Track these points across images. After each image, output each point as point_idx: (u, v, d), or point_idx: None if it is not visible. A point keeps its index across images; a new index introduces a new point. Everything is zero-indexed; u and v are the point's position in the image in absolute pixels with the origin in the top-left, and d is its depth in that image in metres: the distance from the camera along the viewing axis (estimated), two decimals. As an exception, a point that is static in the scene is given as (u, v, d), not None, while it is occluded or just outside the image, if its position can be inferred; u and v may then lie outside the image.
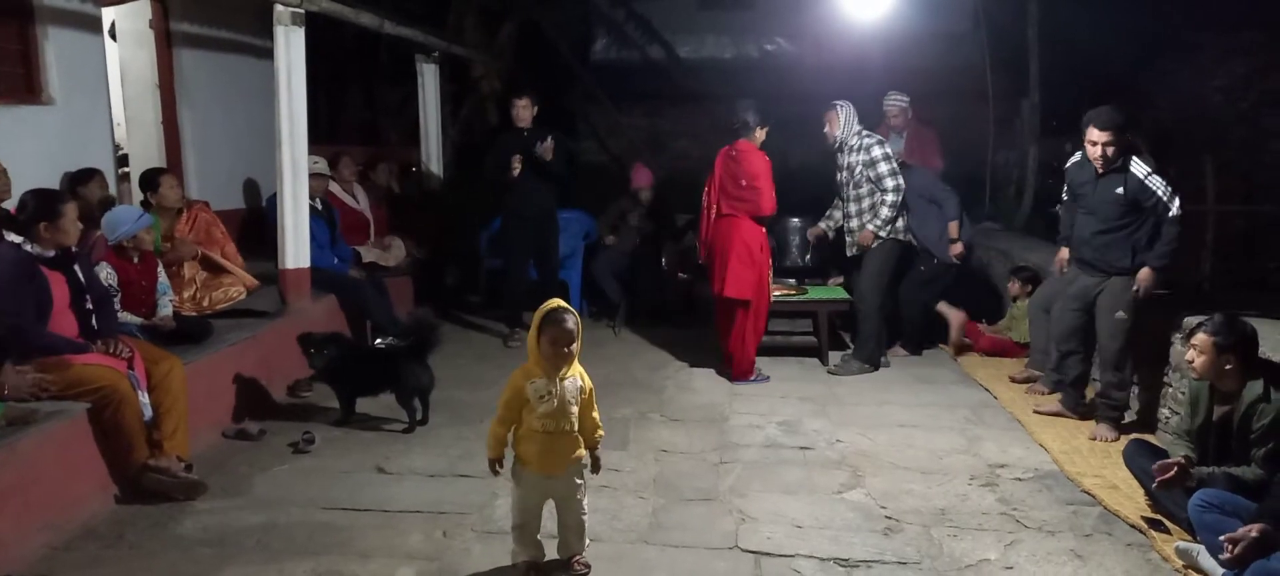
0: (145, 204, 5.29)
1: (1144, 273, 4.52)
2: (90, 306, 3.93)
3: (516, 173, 6.30)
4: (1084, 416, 4.83)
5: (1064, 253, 5.09)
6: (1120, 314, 4.58)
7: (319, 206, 6.11)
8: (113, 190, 5.62)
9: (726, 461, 4.35)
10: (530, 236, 6.58)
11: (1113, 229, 4.58)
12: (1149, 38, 9.57)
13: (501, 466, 3.09)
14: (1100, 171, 4.58)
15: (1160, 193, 4.45)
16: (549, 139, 6.34)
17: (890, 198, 5.74)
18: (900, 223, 5.83)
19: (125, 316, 4.40)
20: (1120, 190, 4.52)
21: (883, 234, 5.78)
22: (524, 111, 6.45)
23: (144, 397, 3.82)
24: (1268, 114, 9.18)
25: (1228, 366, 3.42)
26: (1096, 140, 4.51)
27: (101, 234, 4.46)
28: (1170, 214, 4.46)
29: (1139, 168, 4.49)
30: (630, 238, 7.64)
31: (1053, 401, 5.05)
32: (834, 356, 6.11)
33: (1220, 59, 9.63)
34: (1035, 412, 4.98)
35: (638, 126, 10.95)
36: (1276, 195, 8.71)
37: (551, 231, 6.70)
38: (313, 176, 6.02)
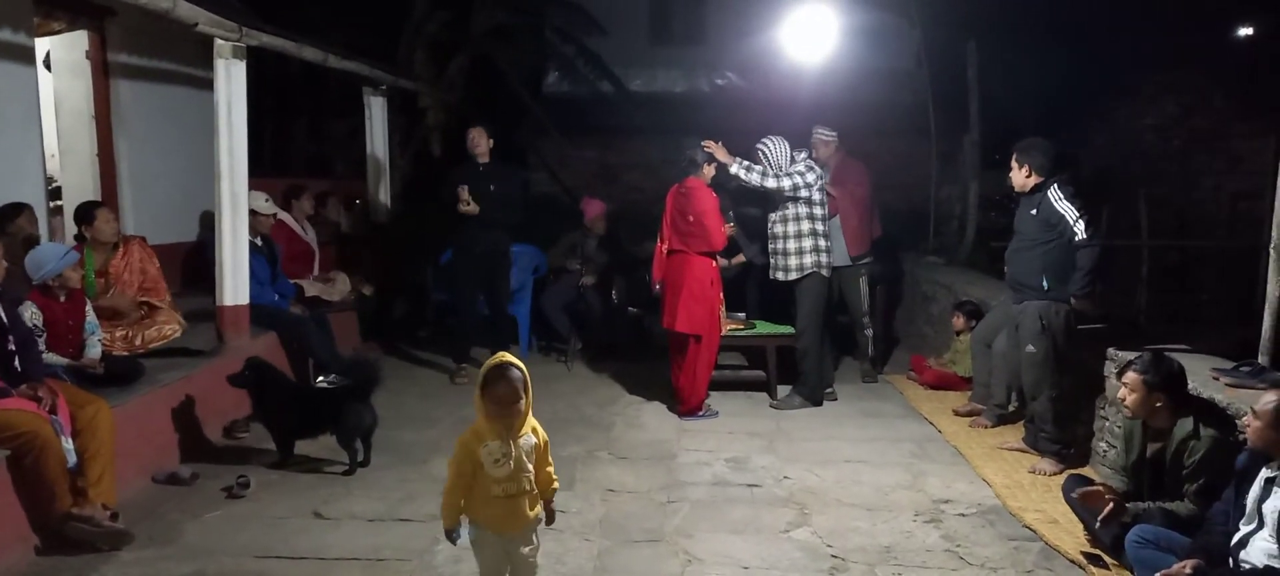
0: (80, 238, 5.13)
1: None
2: (12, 348, 3.77)
3: (465, 208, 6.23)
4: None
5: None
6: (1030, 347, 4.76)
7: (259, 242, 5.99)
8: (44, 224, 5.43)
9: (674, 500, 4.32)
10: (480, 272, 6.51)
11: (1025, 247, 4.83)
12: (1086, 78, 9.89)
13: (459, 535, 2.85)
14: (1015, 191, 4.94)
15: (1067, 215, 4.65)
16: (473, 205, 6.24)
17: (769, 182, 5.67)
18: (823, 258, 5.84)
19: (51, 357, 4.23)
20: (1034, 211, 4.79)
21: (735, 170, 5.68)
22: (480, 141, 6.40)
23: (68, 443, 3.67)
24: (1197, 152, 9.51)
25: (1157, 404, 3.49)
26: (1012, 167, 4.92)
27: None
28: (1075, 238, 4.62)
29: (1054, 192, 4.73)
30: (583, 271, 7.60)
31: (1016, 439, 5.11)
32: (782, 390, 6.12)
33: (1153, 98, 9.99)
34: (1002, 448, 5.03)
35: (589, 159, 10.97)
36: (1206, 230, 9.01)
37: (502, 268, 6.64)
38: (256, 215, 5.92)
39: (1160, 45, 9.37)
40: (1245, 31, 10.34)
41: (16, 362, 3.78)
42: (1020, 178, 4.87)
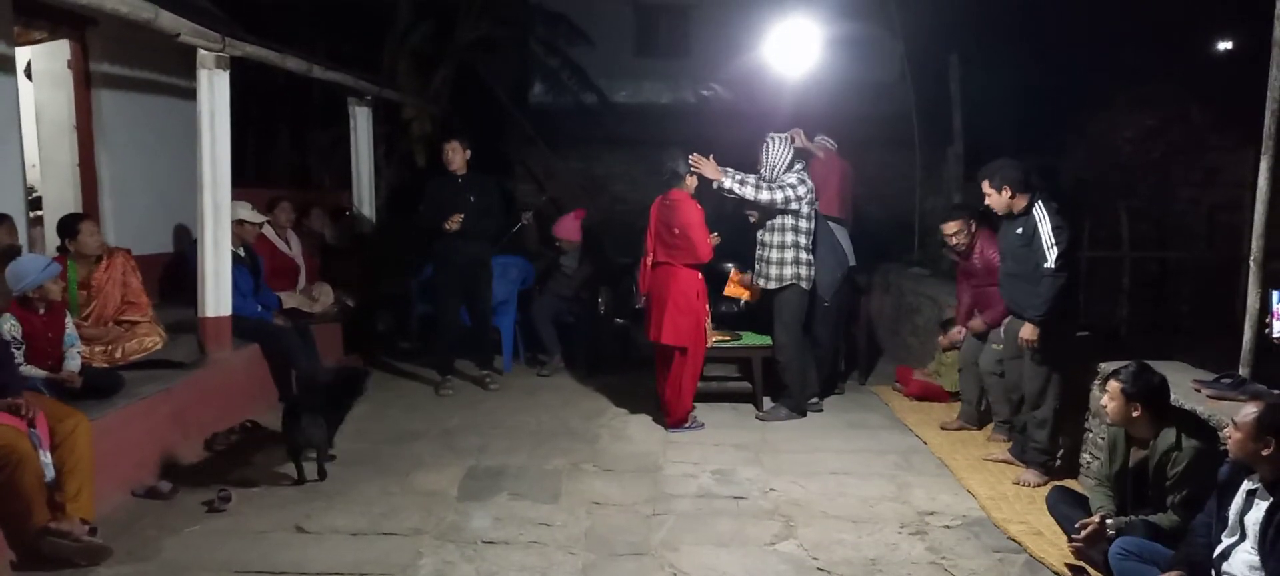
0: (63, 250, 5.08)
1: (1025, 328, 4.63)
2: (-11, 362, 3.73)
3: (455, 228, 6.22)
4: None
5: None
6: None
7: (242, 253, 5.95)
8: (24, 235, 5.37)
9: (659, 513, 4.30)
10: (460, 283, 6.50)
11: (1018, 273, 4.73)
12: (1066, 90, 10.00)
13: None
14: (998, 214, 4.83)
15: (1045, 242, 4.55)
16: (453, 219, 6.22)
17: (763, 195, 5.65)
18: (803, 271, 5.82)
19: (29, 370, 4.18)
20: (1020, 231, 4.68)
21: (729, 184, 5.69)
22: (456, 155, 6.37)
23: (46, 457, 3.62)
24: (1174, 163, 9.62)
25: (1135, 414, 3.51)
26: (987, 194, 4.80)
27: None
28: (1044, 265, 4.54)
29: (1039, 211, 4.62)
30: (566, 284, 7.59)
31: (1003, 449, 5.12)
32: (767, 402, 6.13)
33: (1131, 111, 10.11)
34: (987, 460, 5.04)
35: (575, 170, 10.98)
36: (1184, 241, 9.10)
37: (483, 278, 6.62)
38: (243, 224, 5.88)
39: (1139, 58, 9.49)
40: (1223, 45, 10.50)
41: (-7, 377, 3.74)
42: (1002, 200, 4.71)
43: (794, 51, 8.34)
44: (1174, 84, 9.83)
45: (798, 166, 5.85)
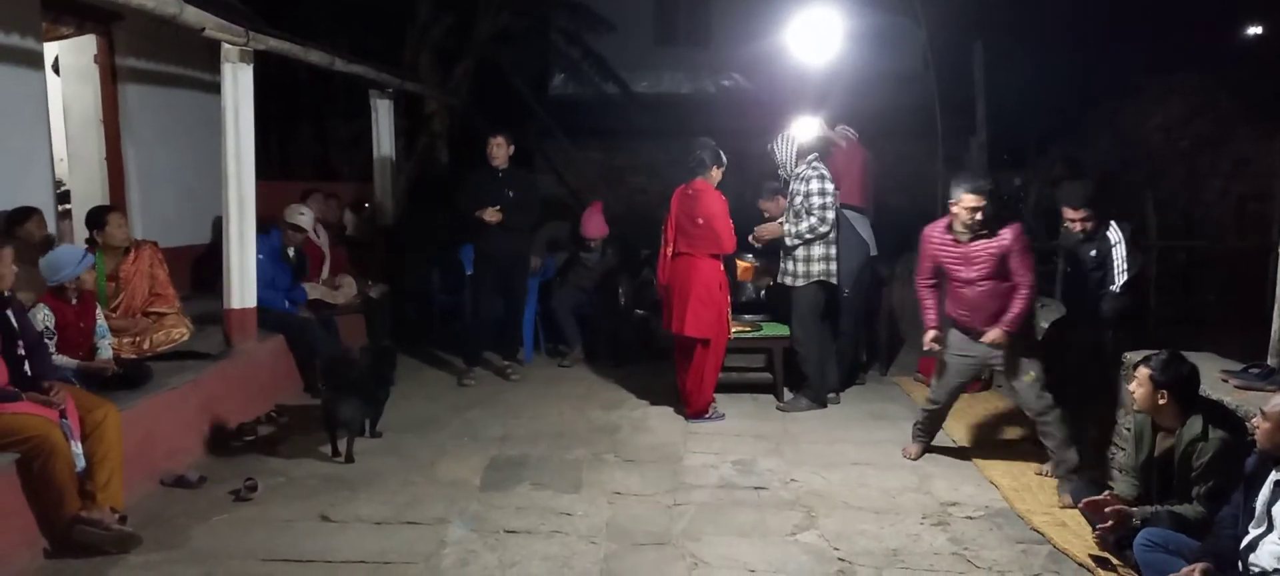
0: (91, 242, 5.15)
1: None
2: (22, 352, 3.79)
3: (495, 221, 6.27)
4: None
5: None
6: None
7: (291, 254, 6.12)
8: (53, 228, 5.46)
9: (680, 503, 4.31)
10: (499, 279, 6.54)
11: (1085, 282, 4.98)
12: (1092, 79, 9.88)
13: None
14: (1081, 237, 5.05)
15: (1117, 266, 4.88)
16: (490, 211, 6.29)
17: (804, 229, 5.72)
18: (832, 266, 5.82)
19: (61, 360, 4.25)
20: (1094, 253, 4.94)
21: (793, 233, 5.76)
22: (499, 150, 6.41)
23: (77, 447, 3.69)
24: (1202, 153, 9.49)
25: (1161, 402, 3.49)
26: (1073, 216, 5.01)
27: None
28: (1111, 287, 4.86)
29: (1115, 234, 4.91)
30: (587, 276, 7.59)
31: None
32: (787, 393, 6.12)
33: (1159, 99, 9.96)
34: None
35: (594, 161, 10.97)
36: (1214, 232, 8.99)
37: (520, 272, 6.68)
38: (293, 228, 6.05)
39: (1166, 46, 9.36)
40: (1253, 30, 10.32)
41: (27, 367, 3.80)
42: (1087, 221, 4.94)
43: (815, 41, 8.26)
44: (1203, 73, 9.68)
45: (810, 157, 5.82)
